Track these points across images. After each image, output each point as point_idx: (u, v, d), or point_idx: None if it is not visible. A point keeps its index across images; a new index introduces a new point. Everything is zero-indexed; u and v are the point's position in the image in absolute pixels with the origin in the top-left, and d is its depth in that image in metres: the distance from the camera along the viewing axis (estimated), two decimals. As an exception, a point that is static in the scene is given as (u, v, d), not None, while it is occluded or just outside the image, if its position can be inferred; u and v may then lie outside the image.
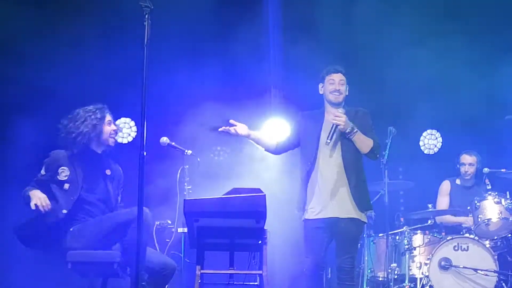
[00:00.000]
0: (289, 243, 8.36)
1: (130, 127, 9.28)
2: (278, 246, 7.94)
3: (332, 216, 6.41)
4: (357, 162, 6.54)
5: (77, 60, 8.67)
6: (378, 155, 6.73)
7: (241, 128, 6.69)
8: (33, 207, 5.91)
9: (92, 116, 6.30)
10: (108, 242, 6.04)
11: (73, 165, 6.23)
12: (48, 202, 5.94)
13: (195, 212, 5.45)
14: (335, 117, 6.37)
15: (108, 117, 6.37)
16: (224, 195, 5.53)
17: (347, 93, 6.66)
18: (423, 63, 9.34)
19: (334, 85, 6.59)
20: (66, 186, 6.16)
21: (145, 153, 4.95)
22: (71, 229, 6.05)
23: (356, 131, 6.39)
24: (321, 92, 6.72)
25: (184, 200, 5.58)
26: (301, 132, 6.72)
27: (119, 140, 8.58)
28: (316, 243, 6.43)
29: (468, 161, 8.99)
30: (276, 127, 8.85)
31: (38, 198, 5.93)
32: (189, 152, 7.16)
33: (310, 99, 7.03)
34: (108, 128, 6.34)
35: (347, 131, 6.37)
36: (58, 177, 6.17)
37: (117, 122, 6.73)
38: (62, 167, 6.20)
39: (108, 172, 6.40)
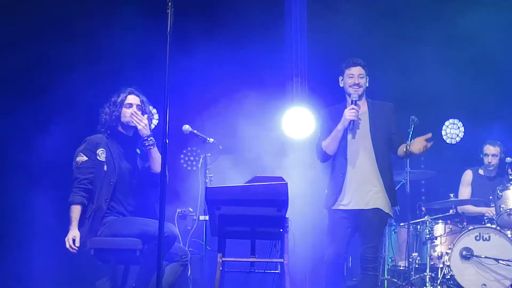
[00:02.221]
0: (310, 232, 8.36)
1: (153, 114, 9.28)
2: (299, 234, 7.95)
3: (359, 208, 6.41)
4: (387, 158, 6.55)
5: (97, 48, 8.70)
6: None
7: None
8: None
9: (112, 100, 6.37)
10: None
11: (109, 147, 6.27)
12: (77, 245, 6.00)
13: (217, 199, 5.47)
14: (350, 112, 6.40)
15: (129, 100, 6.37)
16: (246, 183, 5.54)
17: (367, 85, 6.61)
18: (446, 50, 9.29)
19: (353, 78, 6.54)
20: (105, 167, 6.20)
21: (167, 141, 4.96)
22: (104, 220, 6.11)
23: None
24: (341, 85, 6.67)
25: (206, 187, 5.60)
26: (329, 129, 6.64)
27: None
28: (339, 233, 6.42)
29: (492, 151, 8.93)
30: (298, 116, 8.84)
31: (67, 240, 6.01)
32: (211, 140, 7.17)
33: (333, 88, 6.99)
34: (126, 111, 6.36)
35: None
36: (98, 158, 6.20)
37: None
38: (101, 149, 6.23)
39: (138, 151, 6.43)
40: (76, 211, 6.07)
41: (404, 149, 6.42)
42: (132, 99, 6.39)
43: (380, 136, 6.49)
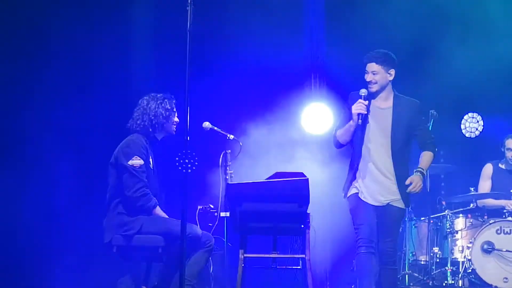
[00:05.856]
0: (330, 227, 8.36)
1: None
2: (320, 230, 7.94)
3: (374, 203, 6.27)
4: (405, 155, 6.39)
5: (118, 47, 8.71)
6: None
7: None
8: None
9: (166, 106, 6.32)
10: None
11: (151, 152, 6.26)
12: None
13: (238, 196, 5.49)
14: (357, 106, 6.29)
15: (174, 108, 6.40)
16: (267, 179, 5.55)
17: (390, 78, 6.40)
18: (467, 45, 9.25)
19: (368, 75, 6.38)
20: (152, 174, 6.19)
21: (188, 138, 4.97)
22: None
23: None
24: None
25: (227, 184, 5.63)
26: (346, 115, 6.45)
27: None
28: (367, 212, 6.24)
29: None
30: (317, 112, 8.85)
31: None
32: (232, 136, 7.18)
33: (352, 83, 6.95)
34: (175, 119, 6.38)
35: None
36: (150, 166, 6.17)
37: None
38: (151, 156, 6.21)
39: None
40: (160, 210, 6.11)
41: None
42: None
43: (401, 132, 6.32)
